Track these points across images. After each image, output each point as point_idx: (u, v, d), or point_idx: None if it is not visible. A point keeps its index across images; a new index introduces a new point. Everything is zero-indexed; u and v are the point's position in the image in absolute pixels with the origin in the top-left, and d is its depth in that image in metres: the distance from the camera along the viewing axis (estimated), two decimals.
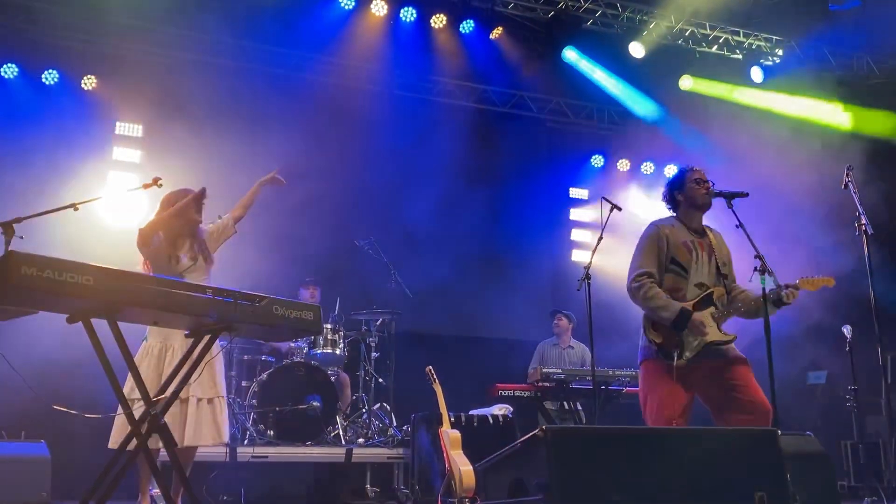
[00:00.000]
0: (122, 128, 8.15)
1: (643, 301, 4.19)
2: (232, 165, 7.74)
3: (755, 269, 4.19)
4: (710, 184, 4.43)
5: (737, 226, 4.32)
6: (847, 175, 5.31)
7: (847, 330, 6.87)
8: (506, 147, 9.58)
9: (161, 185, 4.19)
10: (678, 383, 4.06)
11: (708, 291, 4.23)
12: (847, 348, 6.88)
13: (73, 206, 3.86)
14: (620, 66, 9.64)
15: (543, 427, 2.34)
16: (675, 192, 4.48)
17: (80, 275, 3.25)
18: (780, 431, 2.69)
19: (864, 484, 7.24)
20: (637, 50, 9.42)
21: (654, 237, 4.32)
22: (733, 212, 4.36)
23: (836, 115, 9.53)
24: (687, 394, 4.10)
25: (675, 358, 4.05)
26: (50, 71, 7.85)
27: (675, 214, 4.51)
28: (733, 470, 2.55)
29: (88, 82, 8.03)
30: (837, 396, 8.34)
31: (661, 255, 4.26)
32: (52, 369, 5.92)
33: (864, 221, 5.17)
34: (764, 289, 4.11)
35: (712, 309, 4.19)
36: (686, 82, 9.84)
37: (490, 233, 9.22)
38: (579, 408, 7.39)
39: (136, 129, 8.18)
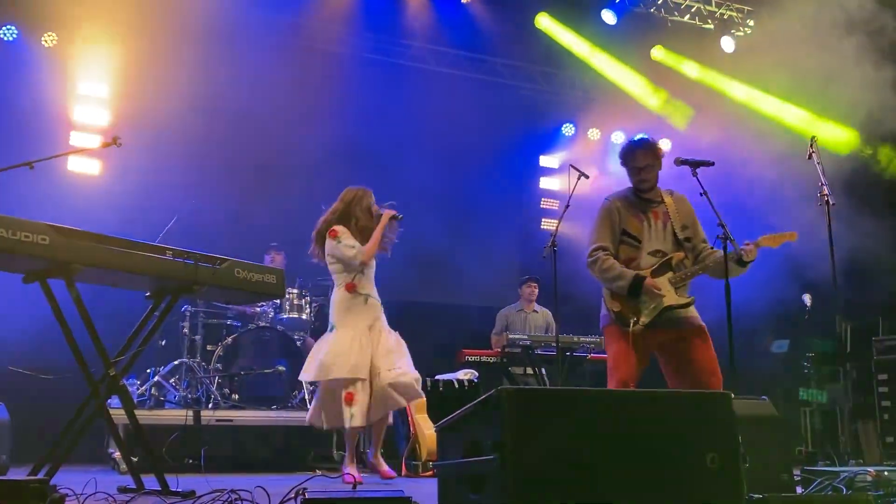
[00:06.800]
0: (85, 87, 7.96)
1: (599, 274, 4.33)
2: (199, 127, 7.64)
3: (717, 236, 4.25)
4: (655, 163, 4.40)
5: (701, 194, 4.36)
6: (811, 146, 5.37)
7: (807, 299, 6.99)
8: (476, 114, 9.51)
9: (120, 145, 4.11)
10: (632, 347, 4.19)
11: (666, 258, 4.31)
12: (806, 317, 7.00)
13: (28, 164, 3.78)
14: (593, 33, 9.60)
15: (499, 388, 2.36)
16: (625, 167, 4.51)
17: (36, 234, 3.21)
18: (733, 395, 2.73)
19: (820, 449, 7.42)
20: (609, 17, 9.39)
21: (606, 211, 4.42)
22: (698, 180, 4.38)
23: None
24: (642, 357, 4.24)
25: (632, 324, 4.18)
26: (8, 27, 7.63)
27: (630, 185, 4.55)
28: (687, 432, 2.58)
29: (49, 39, 7.83)
30: (799, 364, 8.51)
31: (615, 228, 4.37)
32: (11, 331, 5.86)
33: (826, 192, 5.24)
34: (725, 254, 4.17)
35: (670, 274, 4.27)
36: (657, 53, 9.83)
37: (459, 199, 9.19)
38: (544, 373, 7.45)
39: (100, 90, 7.99)
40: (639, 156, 4.39)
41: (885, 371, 7.74)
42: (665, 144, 10.37)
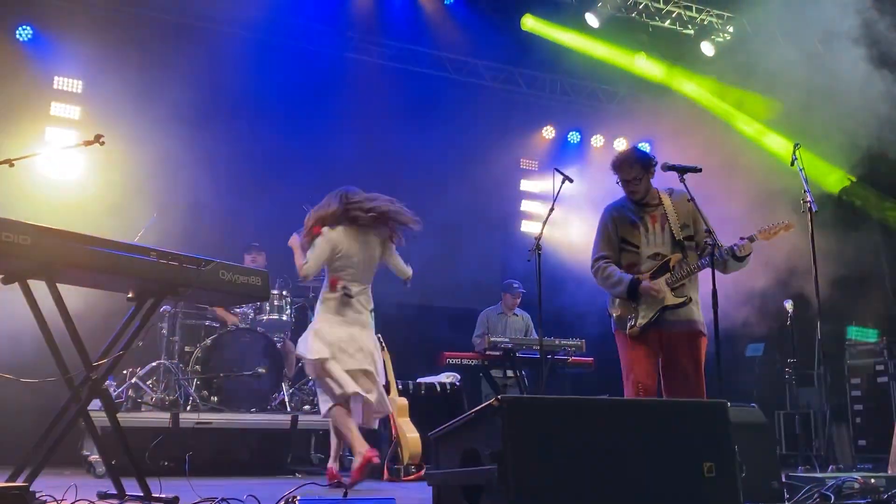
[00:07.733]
0: (60, 83, 7.81)
1: (601, 282, 4.53)
2: (172, 124, 7.53)
3: (706, 242, 4.29)
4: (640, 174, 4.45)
5: (688, 199, 4.38)
6: (794, 152, 5.40)
7: (789, 304, 7.06)
8: (455, 115, 9.47)
9: (103, 143, 4.02)
10: (640, 348, 4.34)
11: (664, 260, 4.40)
12: (788, 322, 7.07)
13: (9, 161, 3.68)
14: (576, 38, 9.62)
15: (499, 397, 2.33)
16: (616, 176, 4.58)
17: (17, 234, 3.12)
18: (729, 404, 2.74)
19: (797, 452, 7.49)
20: (592, 21, 9.42)
21: (603, 223, 4.59)
22: (685, 186, 4.40)
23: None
24: (652, 354, 4.35)
25: (628, 327, 4.35)
26: None
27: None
28: (684, 441, 2.58)
29: (24, 33, 7.68)
30: (774, 368, 8.58)
31: (612, 238, 4.53)
32: None
33: (809, 199, 5.28)
34: (713, 260, 4.21)
35: (667, 275, 4.36)
36: (640, 61, 9.86)
37: (439, 202, 9.14)
38: (524, 376, 7.45)
39: (75, 85, 7.85)
40: (625, 169, 4.48)
41: (858, 375, 7.85)
42: (645, 147, 10.45)
